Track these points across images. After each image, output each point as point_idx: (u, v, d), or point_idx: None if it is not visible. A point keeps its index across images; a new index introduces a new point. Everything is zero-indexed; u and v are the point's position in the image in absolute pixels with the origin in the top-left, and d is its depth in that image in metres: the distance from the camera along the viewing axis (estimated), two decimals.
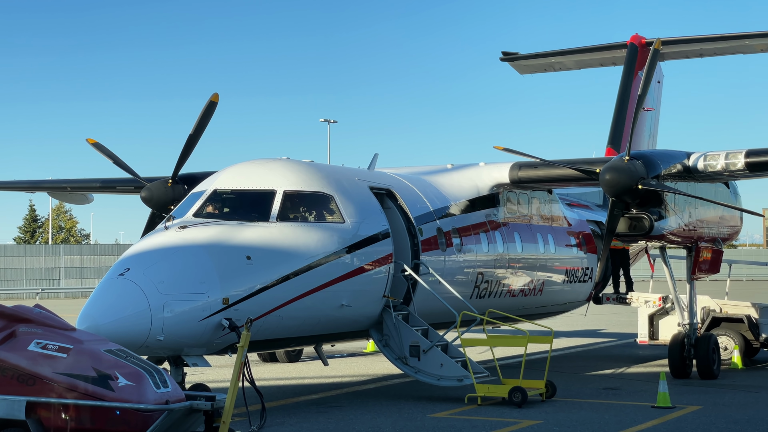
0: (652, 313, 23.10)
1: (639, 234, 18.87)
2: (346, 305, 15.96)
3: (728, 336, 22.41)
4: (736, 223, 22.30)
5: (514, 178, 20.33)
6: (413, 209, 18.11)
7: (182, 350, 13.79)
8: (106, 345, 10.81)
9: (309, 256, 15.19)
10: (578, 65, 29.81)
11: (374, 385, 19.19)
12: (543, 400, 16.52)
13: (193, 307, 13.49)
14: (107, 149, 20.41)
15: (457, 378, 16.39)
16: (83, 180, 24.67)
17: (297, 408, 15.91)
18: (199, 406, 10.48)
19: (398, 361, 16.77)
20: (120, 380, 10.14)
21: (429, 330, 16.97)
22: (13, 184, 28.66)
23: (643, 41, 27.27)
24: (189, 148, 18.02)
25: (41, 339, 10.54)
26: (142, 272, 13.37)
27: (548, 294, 22.65)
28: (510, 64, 29.68)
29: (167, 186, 19.18)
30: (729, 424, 14.21)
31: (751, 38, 27.05)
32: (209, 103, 17.47)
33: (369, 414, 15.18)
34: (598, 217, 25.12)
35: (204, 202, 15.46)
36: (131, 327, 12.90)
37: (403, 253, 17.35)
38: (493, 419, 14.63)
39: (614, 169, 17.85)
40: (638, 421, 14.34)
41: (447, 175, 20.60)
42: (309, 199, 15.95)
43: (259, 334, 14.38)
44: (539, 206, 22.56)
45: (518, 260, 21.10)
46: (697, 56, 28.25)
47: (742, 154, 18.64)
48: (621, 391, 17.92)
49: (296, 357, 23.64)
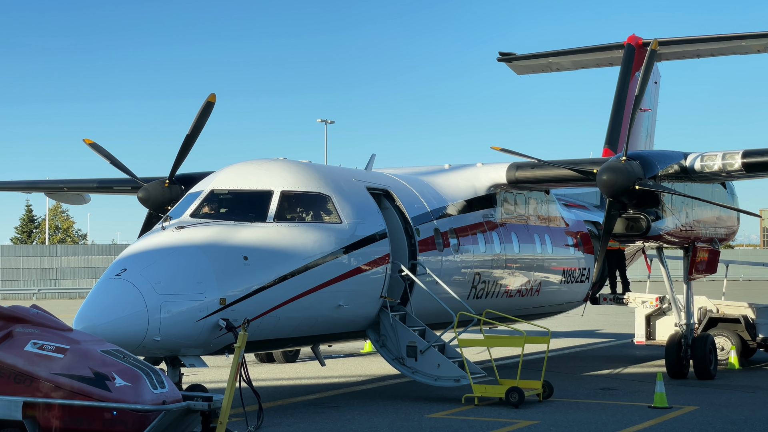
0: (649, 313, 23.10)
1: (636, 234, 18.87)
2: (344, 306, 15.96)
3: (725, 336, 22.43)
4: (733, 223, 22.32)
5: (512, 178, 20.33)
6: (410, 210, 18.11)
7: (179, 351, 13.78)
8: (102, 345, 10.80)
9: (306, 256, 15.18)
10: (575, 66, 29.82)
11: (371, 385, 19.19)
12: (540, 401, 16.52)
13: (190, 308, 13.48)
14: (104, 149, 20.40)
15: (454, 378, 16.39)
16: (80, 180, 24.65)
17: (294, 408, 15.90)
18: (196, 406, 10.47)
19: (395, 362, 16.77)
20: (117, 381, 10.13)
21: (426, 330, 16.96)
22: (10, 185, 28.64)
23: (640, 42, 27.28)
24: (186, 149, 18.01)
25: (38, 339, 10.53)
26: (139, 273, 13.36)
27: (545, 294, 22.66)
28: (507, 64, 29.69)
29: (164, 186, 19.18)
30: (726, 424, 14.22)
31: (748, 39, 27.06)
32: (206, 103, 17.47)
33: (366, 414, 15.18)
34: (595, 218, 25.13)
35: (201, 203, 15.45)
36: (128, 327, 12.89)
37: (400, 253, 17.35)
38: (490, 419, 14.63)
39: (611, 170, 17.86)
40: (635, 422, 14.35)
41: (444, 175, 20.60)
42: (306, 200, 15.95)
43: (256, 334, 14.36)
44: (536, 207, 22.57)
45: (515, 261, 21.11)
46: (694, 57, 28.27)
47: (739, 154, 18.66)
48: (618, 392, 17.93)
49: (293, 357, 23.63)
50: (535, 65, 29.85)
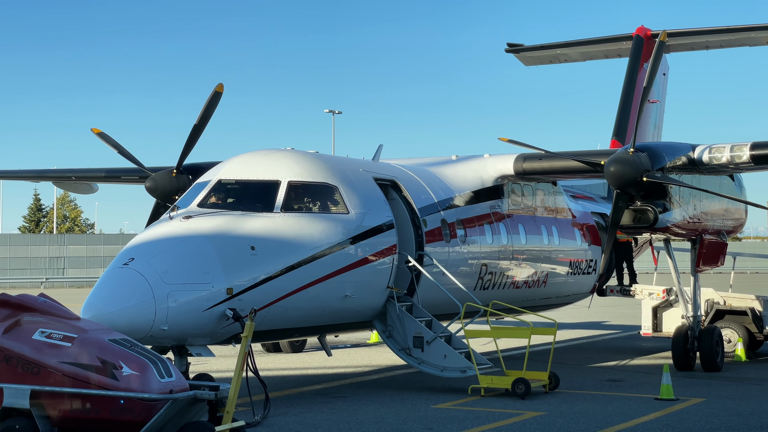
0: (656, 305, 23.08)
1: (643, 226, 18.83)
2: (350, 296, 15.97)
3: (732, 328, 22.41)
4: (740, 215, 22.27)
5: (519, 169, 20.33)
6: (417, 200, 18.10)
7: (186, 340, 13.81)
8: (110, 334, 10.85)
9: (313, 246, 15.20)
10: (584, 57, 29.76)
11: (378, 375, 19.22)
12: (546, 392, 16.54)
13: (198, 297, 13.51)
14: (112, 139, 20.45)
15: (460, 369, 16.41)
16: (88, 170, 24.72)
17: (300, 398, 15.94)
18: (203, 395, 10.52)
19: (402, 352, 16.79)
20: (124, 369, 10.18)
21: (433, 321, 16.98)
22: (18, 174, 28.75)
23: (648, 33, 27.21)
24: (194, 138, 18.04)
25: (46, 328, 10.59)
26: (147, 262, 13.39)
27: (552, 286, 22.66)
28: (515, 55, 29.64)
29: (172, 176, 19.22)
30: (732, 416, 14.21)
31: (757, 31, 26.97)
32: (214, 93, 17.48)
33: (372, 404, 15.20)
34: (602, 209, 25.11)
35: (208, 193, 15.46)
36: (135, 316, 12.92)
37: (407, 244, 17.35)
38: (496, 410, 14.65)
39: (619, 161, 17.83)
40: (641, 413, 14.35)
41: (451, 166, 20.59)
42: (313, 190, 15.95)
43: (262, 324, 14.39)
44: (543, 198, 22.55)
45: (522, 252, 21.10)
46: (703, 48, 28.19)
47: (748, 146, 18.61)
48: (624, 383, 17.93)
49: (300, 347, 23.67)
50: (543, 56, 29.79)
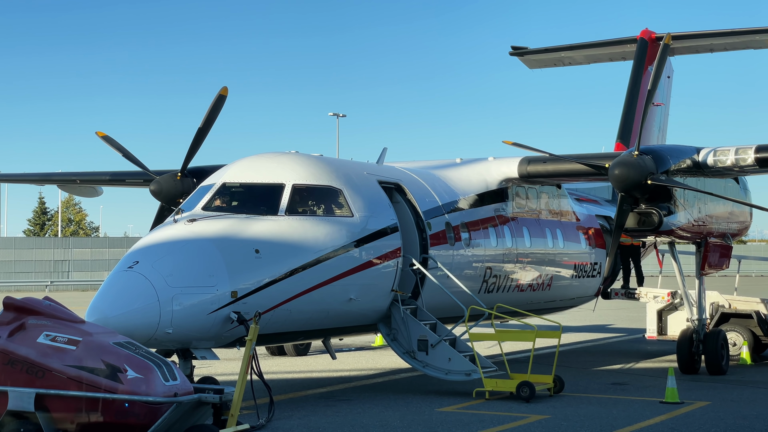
0: (661, 308, 23.06)
1: (648, 229, 18.80)
2: (355, 299, 15.98)
3: (737, 332, 22.36)
4: (745, 218, 22.24)
5: (523, 172, 20.32)
6: (422, 203, 18.10)
7: (191, 343, 13.81)
8: (115, 337, 10.84)
9: (317, 249, 15.20)
10: (588, 60, 29.75)
11: (382, 379, 19.21)
12: (551, 395, 16.52)
13: (202, 300, 13.52)
14: (117, 142, 20.45)
15: (465, 372, 16.39)
16: (93, 173, 24.72)
17: (305, 401, 15.94)
18: (208, 399, 10.51)
19: (406, 356, 16.78)
20: (129, 373, 10.18)
21: (437, 324, 16.97)
22: (23, 177, 28.78)
23: (653, 36, 27.20)
24: (198, 142, 18.06)
25: (50, 331, 10.58)
26: (151, 265, 13.39)
27: (556, 289, 22.64)
28: (519, 58, 29.63)
29: (176, 179, 19.22)
30: (737, 419, 14.18)
31: (761, 33, 26.93)
32: (218, 96, 17.49)
33: (377, 408, 15.20)
34: (607, 212, 25.10)
35: (213, 196, 15.48)
36: (140, 320, 12.93)
37: (411, 247, 17.35)
38: (500, 414, 14.63)
39: (623, 164, 17.80)
40: (646, 417, 14.33)
41: (456, 169, 20.59)
42: (318, 193, 15.96)
43: (267, 327, 14.40)
44: (548, 201, 22.54)
45: (527, 255, 21.08)
46: (708, 51, 28.17)
47: (752, 149, 18.58)
48: (629, 387, 17.90)
49: (304, 350, 23.68)
50: (547, 59, 29.78)
